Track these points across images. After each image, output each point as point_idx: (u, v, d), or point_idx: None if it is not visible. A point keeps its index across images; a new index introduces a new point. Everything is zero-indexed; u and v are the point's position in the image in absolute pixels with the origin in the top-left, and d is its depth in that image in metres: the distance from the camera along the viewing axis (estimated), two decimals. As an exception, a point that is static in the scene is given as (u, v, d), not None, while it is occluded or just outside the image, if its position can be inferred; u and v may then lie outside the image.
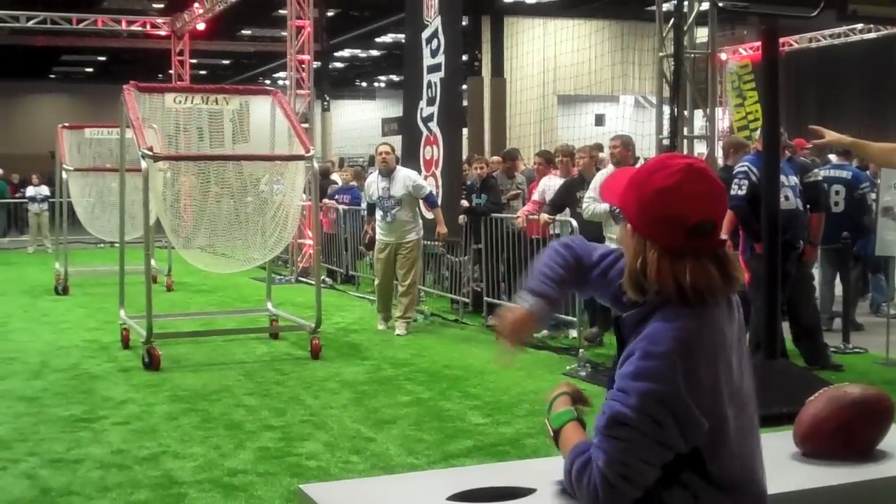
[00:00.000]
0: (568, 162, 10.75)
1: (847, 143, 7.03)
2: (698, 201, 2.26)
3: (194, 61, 27.56)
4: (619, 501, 2.34)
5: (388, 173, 10.46)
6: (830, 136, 6.73)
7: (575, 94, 27.33)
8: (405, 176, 10.43)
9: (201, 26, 22.85)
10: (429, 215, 11.00)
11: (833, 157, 11.34)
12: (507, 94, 26.76)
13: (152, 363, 8.83)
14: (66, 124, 15.34)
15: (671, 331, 2.26)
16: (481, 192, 11.44)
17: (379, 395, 7.89)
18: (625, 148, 9.43)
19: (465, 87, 26.71)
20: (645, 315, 2.34)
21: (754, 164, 8.29)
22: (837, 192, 10.39)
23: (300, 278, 15.73)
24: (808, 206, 8.67)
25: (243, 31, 34.80)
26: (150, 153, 8.97)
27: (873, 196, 10.21)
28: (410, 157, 11.56)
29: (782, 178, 7.85)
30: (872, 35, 21.34)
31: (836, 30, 21.92)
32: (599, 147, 13.56)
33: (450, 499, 2.90)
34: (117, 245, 10.78)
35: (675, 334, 2.26)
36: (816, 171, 9.34)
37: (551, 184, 10.64)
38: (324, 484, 3.29)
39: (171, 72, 24.21)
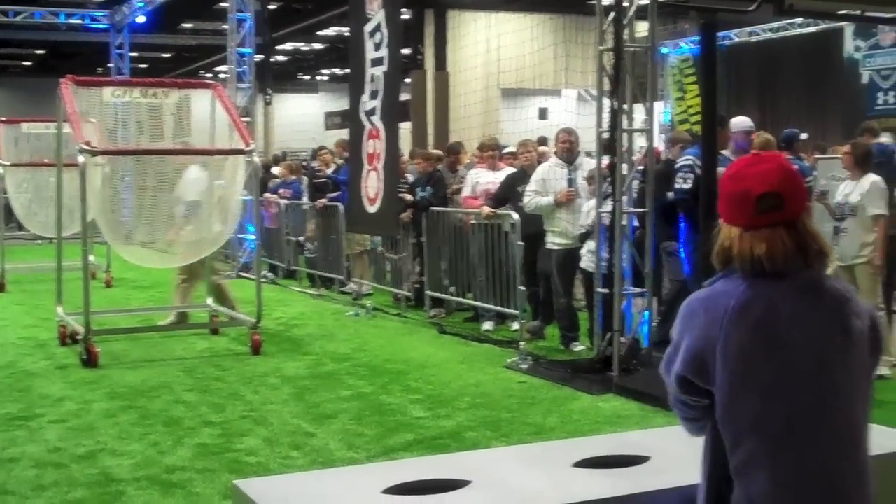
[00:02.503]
0: (495, 155, 10.81)
1: None
2: (759, 176, 2.49)
3: (135, 55, 27.21)
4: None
5: None
6: None
7: (518, 87, 27.34)
8: None
9: (141, 19, 22.57)
10: (371, 209, 10.97)
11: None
12: (451, 87, 26.72)
13: (90, 360, 8.72)
14: (3, 119, 15.11)
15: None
16: (426, 185, 11.43)
17: (320, 389, 7.86)
18: (577, 141, 9.53)
19: (408, 80, 26.71)
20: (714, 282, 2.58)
21: (699, 157, 8.36)
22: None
23: (241, 273, 15.61)
24: None
25: (184, 25, 34.44)
26: (88, 148, 8.85)
27: (816, 190, 10.32)
28: (354, 151, 11.51)
29: (722, 170, 7.90)
30: (811, 29, 21.61)
31: (776, 24, 22.17)
32: (543, 141, 13.65)
33: (385, 492, 2.90)
34: (55, 241, 10.64)
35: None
36: None
37: (479, 178, 10.68)
38: (259, 479, 3.27)
39: (110, 65, 23.90)
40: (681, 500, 2.85)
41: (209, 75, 38.98)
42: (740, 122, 8.81)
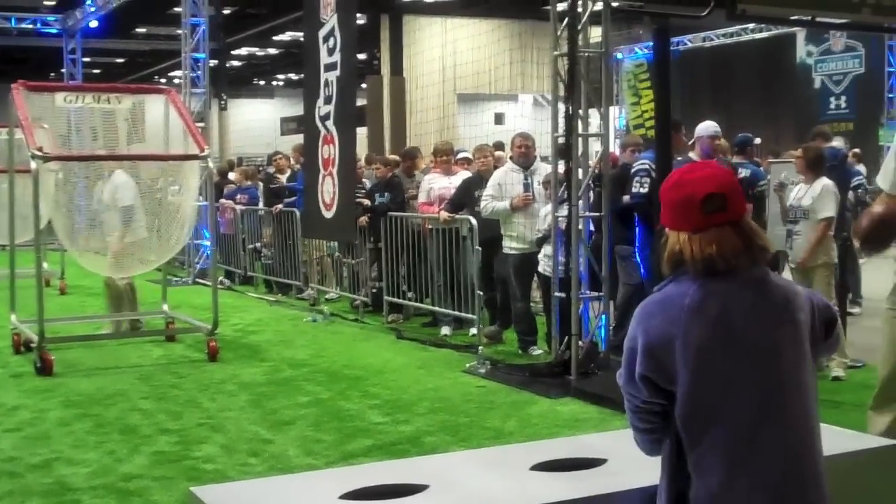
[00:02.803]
0: (449, 160, 10.85)
1: None
2: (700, 181, 2.63)
3: (87, 60, 27.03)
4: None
5: None
6: None
7: (475, 92, 27.44)
8: None
9: (94, 24, 22.41)
10: (327, 214, 10.96)
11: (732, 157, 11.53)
12: (407, 92, 26.76)
13: (45, 368, 8.63)
14: (-47, 124, 14.89)
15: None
16: (385, 190, 11.43)
17: (277, 396, 7.83)
18: (533, 146, 9.59)
19: (364, 85, 26.69)
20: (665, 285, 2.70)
21: (654, 161, 8.41)
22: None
23: (197, 280, 15.52)
24: None
25: (138, 29, 34.22)
26: (40, 154, 8.77)
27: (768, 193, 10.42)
28: (310, 156, 11.49)
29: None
30: (764, 34, 21.85)
31: (729, 29, 22.38)
32: (500, 146, 13.69)
33: (342, 497, 2.90)
34: (7, 248, 10.53)
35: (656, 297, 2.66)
36: (741, 170, 9.44)
37: (434, 183, 10.69)
38: (215, 486, 3.26)
39: (63, 70, 23.70)
40: (637, 502, 2.87)
41: (163, 81, 38.75)
42: (705, 127, 8.86)
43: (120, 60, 40.76)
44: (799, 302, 2.68)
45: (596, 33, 8.83)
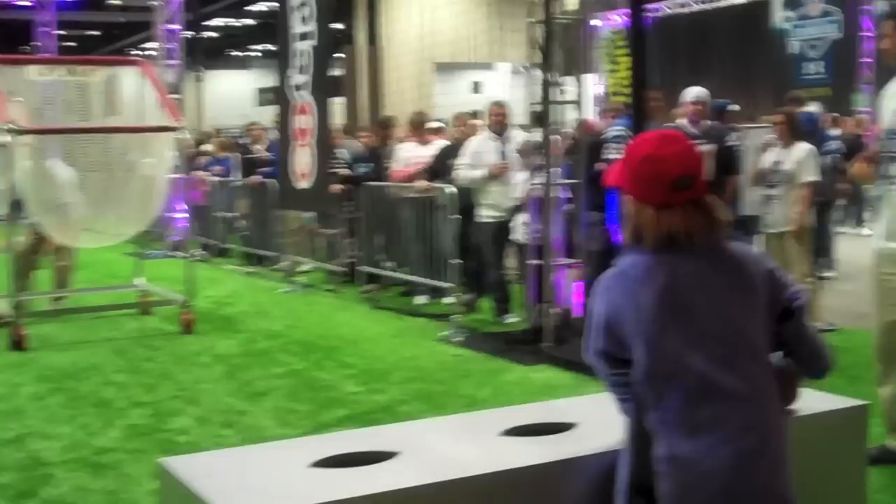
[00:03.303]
0: (423, 129, 10.82)
1: None
2: (676, 158, 2.67)
3: (62, 32, 26.72)
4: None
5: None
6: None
7: (452, 62, 27.37)
8: None
9: (67, -5, 22.19)
10: (303, 185, 10.90)
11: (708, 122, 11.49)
12: (384, 62, 26.62)
13: (18, 343, 8.57)
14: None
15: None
16: (369, 160, 11.36)
17: (252, 367, 7.80)
18: (508, 114, 9.55)
19: (341, 55, 26.52)
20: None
21: (629, 126, 8.38)
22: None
23: (172, 252, 15.44)
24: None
25: (112, 1, 33.92)
26: (14, 127, 8.68)
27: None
28: (285, 127, 11.41)
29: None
30: (741, 0, 21.77)
31: (706, -5, 22.34)
32: (476, 114, 13.63)
33: (313, 465, 2.89)
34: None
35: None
36: (732, 135, 9.38)
37: (409, 152, 10.66)
38: (186, 457, 3.23)
39: (36, 43, 23.44)
40: (606, 465, 2.87)
41: (138, 53, 38.43)
42: (687, 92, 8.76)
43: (94, 33, 40.40)
44: (754, 270, 2.70)
45: (572, 0, 8.78)
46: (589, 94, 19.67)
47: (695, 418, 2.57)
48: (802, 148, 8.23)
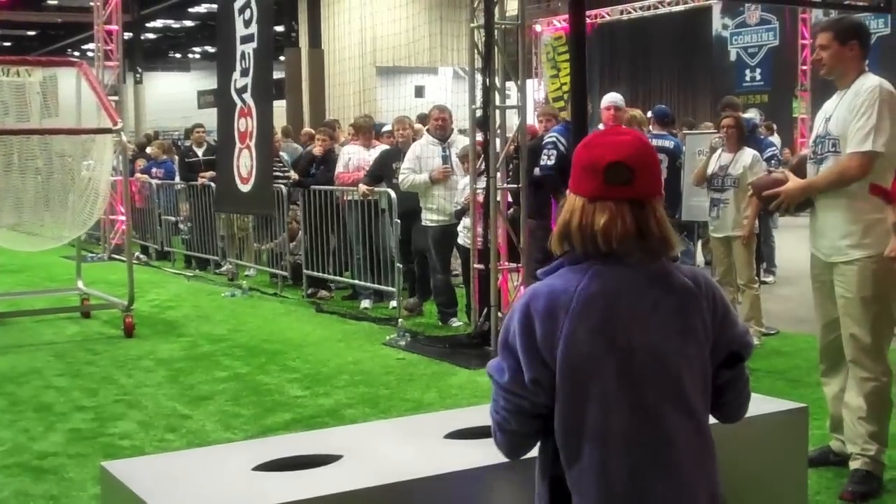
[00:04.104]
0: (370, 134, 10.88)
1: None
2: (610, 146, 2.37)
3: (-3, 32, 26.41)
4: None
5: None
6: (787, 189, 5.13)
7: (394, 65, 27.30)
8: None
9: (3, -4, 21.92)
10: (244, 188, 10.87)
11: (652, 128, 11.62)
12: (326, 65, 26.61)
13: (-44, 347, 8.48)
14: None
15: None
16: (320, 164, 11.35)
17: (195, 371, 7.77)
18: (450, 118, 9.61)
19: (282, 58, 26.45)
20: (554, 270, 2.43)
21: (562, 134, 8.48)
22: (661, 161, 10.65)
23: (113, 255, 15.31)
24: None
25: (49, 1, 33.52)
26: (-52, 128, 8.58)
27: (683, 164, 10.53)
28: (225, 129, 11.37)
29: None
30: (681, 7, 22.00)
31: (647, 2, 22.53)
32: (423, 118, 13.68)
33: (255, 469, 2.89)
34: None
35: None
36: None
37: (353, 155, 10.68)
38: (128, 460, 3.23)
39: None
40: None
41: (77, 54, 38.02)
42: (605, 98, 9.00)
43: (31, 33, 39.90)
44: (700, 303, 2.39)
45: (512, 6, 8.85)
46: (531, 100, 19.81)
47: (615, 475, 2.30)
48: (749, 153, 8.34)
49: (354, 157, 10.64)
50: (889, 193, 4.69)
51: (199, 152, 14.08)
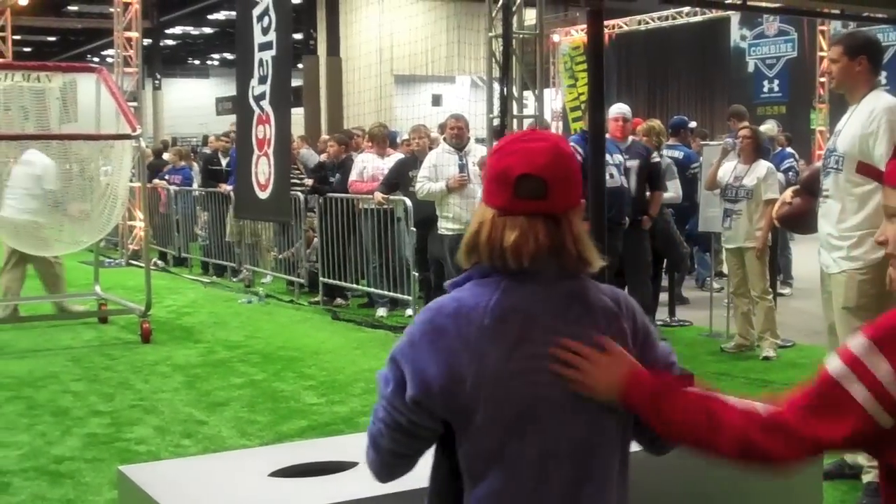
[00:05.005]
0: (385, 143, 10.94)
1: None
2: (523, 155, 2.12)
3: (17, 38, 26.53)
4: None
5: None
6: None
7: (412, 74, 27.38)
8: None
9: (24, 1, 22.00)
10: (262, 195, 10.90)
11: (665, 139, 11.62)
12: (343, 73, 26.66)
13: (-26, 351, 8.53)
14: None
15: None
16: (336, 171, 11.39)
17: (212, 377, 7.80)
18: (466, 127, 9.62)
19: (300, 66, 26.52)
20: (462, 283, 2.21)
21: (579, 144, 8.47)
22: (673, 172, 10.64)
23: (130, 261, 15.37)
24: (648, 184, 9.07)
25: (70, 7, 33.71)
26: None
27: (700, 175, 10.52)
28: (244, 136, 11.41)
29: (607, 156, 8.03)
30: (699, 18, 21.98)
31: (664, 13, 22.51)
32: (441, 128, 13.72)
33: (272, 475, 2.91)
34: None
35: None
36: (659, 153, 9.57)
37: (367, 163, 10.71)
38: (145, 465, 3.26)
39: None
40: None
41: (96, 60, 38.20)
42: (611, 108, 8.98)
43: (52, 39, 40.13)
44: (621, 326, 2.19)
45: (531, 15, 8.87)
46: (548, 109, 19.81)
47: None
48: (765, 165, 8.34)
49: (369, 166, 10.68)
50: (881, 174, 4.70)
51: (224, 162, 14.08)
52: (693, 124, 12.76)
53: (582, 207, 2.19)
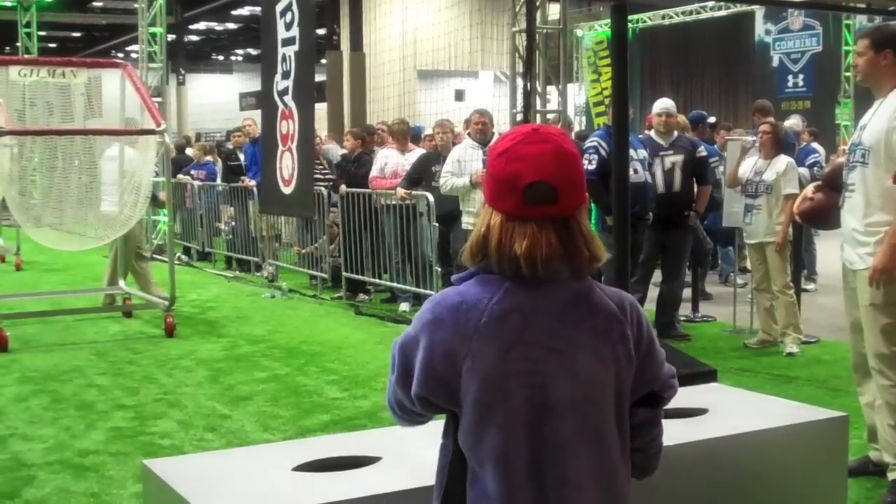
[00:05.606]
0: (406, 138, 10.94)
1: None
2: (531, 162, 2.11)
3: (43, 34, 26.66)
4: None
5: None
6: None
7: (435, 69, 27.39)
8: None
9: (49, -2, 22.13)
10: (286, 190, 10.92)
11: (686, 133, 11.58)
12: (367, 68, 26.70)
13: (1, 345, 8.57)
14: None
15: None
16: (353, 165, 11.41)
17: (235, 371, 7.82)
18: (491, 122, 9.63)
19: (323, 61, 26.56)
20: (469, 277, 2.21)
21: (603, 138, 8.47)
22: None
23: (154, 255, 15.40)
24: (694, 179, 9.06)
25: (94, 3, 33.87)
26: (-5, 128, 8.70)
27: (722, 169, 10.49)
28: (268, 131, 11.44)
29: (631, 151, 8.01)
30: (723, 12, 21.88)
31: (688, 7, 22.41)
32: (467, 123, 13.72)
33: (295, 469, 2.92)
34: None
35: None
36: (702, 148, 9.55)
37: (389, 159, 10.72)
38: (170, 459, 3.28)
39: (18, 44, 23.37)
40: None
41: (120, 55, 38.38)
42: (655, 104, 9.01)
43: (76, 34, 40.35)
44: (623, 331, 2.18)
45: (554, 10, 8.86)
46: (571, 104, 19.77)
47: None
48: (785, 160, 8.30)
49: (391, 162, 10.68)
50: None
51: (242, 157, 14.12)
52: (712, 119, 12.70)
53: (587, 203, 2.20)
